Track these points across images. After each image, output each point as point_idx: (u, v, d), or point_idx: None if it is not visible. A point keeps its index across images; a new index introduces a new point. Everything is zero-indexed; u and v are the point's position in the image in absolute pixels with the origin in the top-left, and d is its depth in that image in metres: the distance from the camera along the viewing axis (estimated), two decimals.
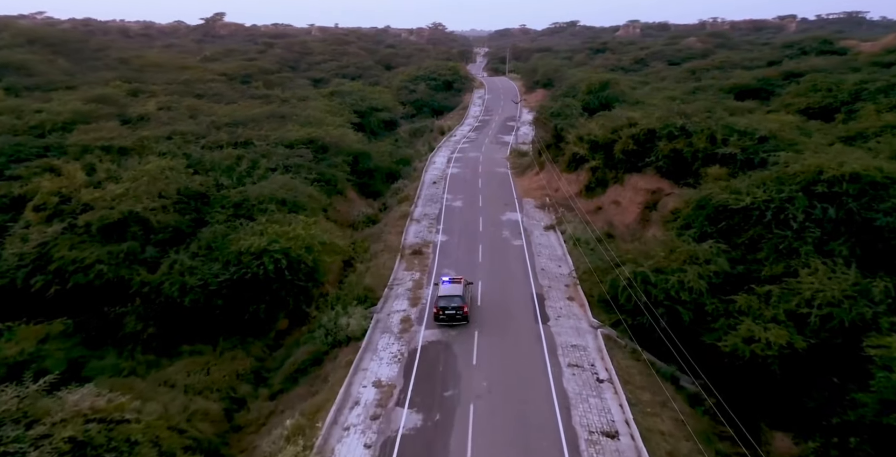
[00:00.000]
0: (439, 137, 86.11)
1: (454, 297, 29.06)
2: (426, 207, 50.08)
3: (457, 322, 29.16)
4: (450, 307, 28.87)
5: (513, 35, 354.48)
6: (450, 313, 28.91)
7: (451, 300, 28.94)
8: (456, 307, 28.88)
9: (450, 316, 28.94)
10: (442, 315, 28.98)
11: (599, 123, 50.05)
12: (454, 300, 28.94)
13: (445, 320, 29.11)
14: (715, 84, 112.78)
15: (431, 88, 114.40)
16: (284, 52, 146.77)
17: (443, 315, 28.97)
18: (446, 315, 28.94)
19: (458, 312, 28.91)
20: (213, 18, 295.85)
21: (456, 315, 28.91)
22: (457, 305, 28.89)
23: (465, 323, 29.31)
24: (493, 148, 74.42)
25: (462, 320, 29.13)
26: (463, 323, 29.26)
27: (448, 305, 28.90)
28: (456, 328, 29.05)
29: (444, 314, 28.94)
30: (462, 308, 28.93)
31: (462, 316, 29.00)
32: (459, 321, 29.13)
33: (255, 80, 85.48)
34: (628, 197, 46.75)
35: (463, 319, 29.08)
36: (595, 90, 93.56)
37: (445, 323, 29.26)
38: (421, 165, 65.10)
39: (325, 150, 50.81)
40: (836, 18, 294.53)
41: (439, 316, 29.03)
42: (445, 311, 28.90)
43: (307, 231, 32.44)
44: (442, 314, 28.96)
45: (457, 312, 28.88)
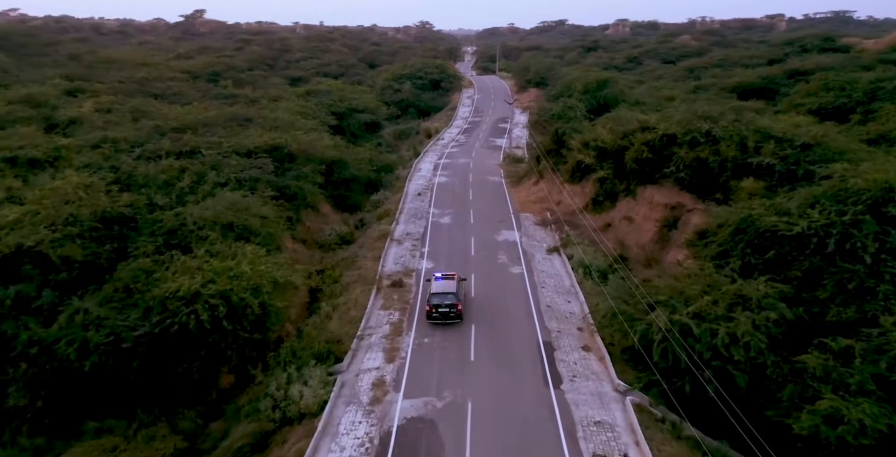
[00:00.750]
0: (425, 140, 79.43)
1: (447, 294, 28.01)
2: (409, 224, 43.39)
3: (450, 320, 28.06)
4: (443, 305, 27.88)
5: (501, 34, 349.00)
6: (443, 311, 27.89)
7: (445, 297, 27.94)
8: (449, 305, 27.87)
9: (443, 314, 27.93)
10: (435, 313, 27.98)
11: (607, 128, 43.67)
12: (448, 297, 27.93)
13: (439, 319, 28.06)
14: (716, 83, 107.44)
15: (417, 88, 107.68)
16: (262, 49, 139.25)
17: (436, 313, 27.97)
18: (439, 313, 27.94)
19: (451, 310, 27.88)
20: (192, 16, 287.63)
21: (450, 313, 27.91)
22: (450, 302, 27.88)
23: (459, 321, 28.25)
24: (485, 153, 67.88)
25: (456, 318, 28.11)
26: (457, 321, 28.19)
27: (441, 303, 27.90)
28: (443, 400, 22.38)
29: (437, 312, 27.95)
30: (456, 306, 27.91)
31: (456, 314, 27.96)
32: (453, 319, 28.08)
33: (224, 78, 78.29)
34: (642, 213, 40.40)
35: (457, 317, 28.06)
36: (593, 89, 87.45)
37: (439, 321, 28.13)
38: (405, 173, 58.37)
39: (291, 158, 43.96)
40: (824, 18, 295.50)
41: (432, 314, 28.03)
42: (438, 309, 27.91)
43: (255, 267, 25.65)
44: (435, 312, 27.97)
45: (450, 309, 27.88)
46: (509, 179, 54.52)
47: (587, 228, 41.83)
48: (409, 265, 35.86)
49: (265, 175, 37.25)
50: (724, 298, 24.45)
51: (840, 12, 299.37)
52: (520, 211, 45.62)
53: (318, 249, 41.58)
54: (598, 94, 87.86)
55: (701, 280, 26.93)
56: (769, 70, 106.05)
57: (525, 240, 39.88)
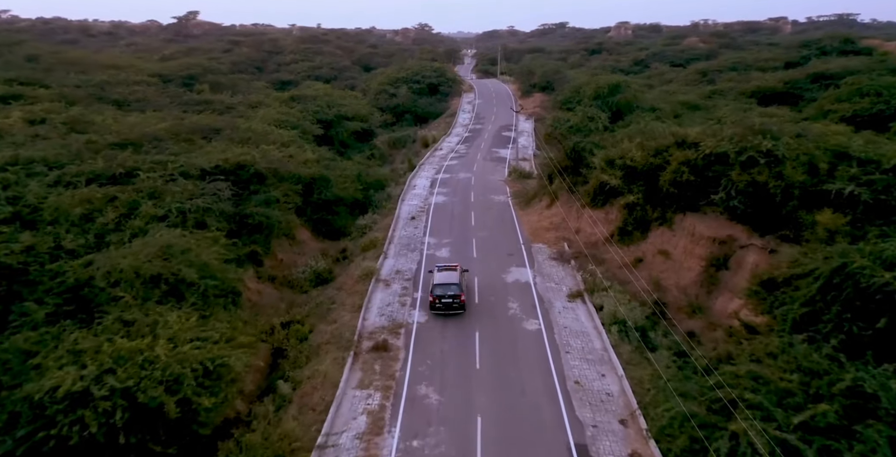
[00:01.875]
0: (422, 151, 72.31)
1: (451, 285, 28.40)
2: (400, 258, 36.18)
3: (453, 311, 28.45)
4: (446, 296, 28.20)
5: (501, 36, 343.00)
6: (447, 302, 28.23)
7: (448, 288, 28.31)
8: (453, 295, 28.21)
9: (446, 304, 28.29)
10: (438, 304, 28.31)
11: (636, 143, 36.53)
12: (451, 288, 28.30)
13: (442, 309, 28.45)
14: (734, 87, 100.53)
15: (414, 92, 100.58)
16: (252, 51, 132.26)
17: (439, 304, 28.30)
18: (443, 304, 28.27)
19: (454, 301, 28.24)
20: (185, 17, 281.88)
21: (453, 304, 28.27)
22: (453, 293, 28.23)
23: (462, 312, 28.62)
24: (488, 166, 60.72)
25: (459, 309, 28.52)
26: (460, 312, 28.56)
27: (444, 294, 28.22)
28: None
29: (441, 303, 28.27)
30: (459, 297, 28.28)
31: (459, 304, 28.37)
32: (456, 310, 28.51)
33: (201, 82, 71.14)
34: (682, 246, 33.26)
35: (460, 307, 28.49)
36: (604, 95, 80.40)
37: (441, 312, 28.49)
38: (398, 191, 51.17)
39: (260, 179, 36.76)
40: (828, 20, 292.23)
41: (435, 304, 28.39)
42: (442, 299, 28.21)
43: (178, 348, 18.45)
44: (438, 303, 28.30)
45: (454, 300, 28.23)
46: (517, 199, 47.31)
47: (614, 262, 34.70)
48: (398, 317, 28.64)
49: (219, 204, 29.97)
50: (838, 399, 17.29)
51: (844, 15, 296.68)
52: (532, 241, 38.41)
53: (289, 290, 34.40)
54: (610, 99, 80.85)
55: (788, 360, 19.80)
56: (790, 74, 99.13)
57: (540, 280, 32.66)
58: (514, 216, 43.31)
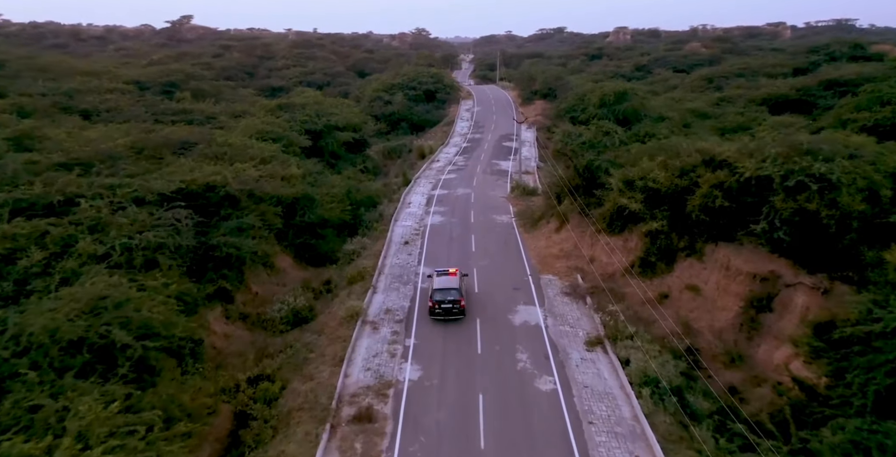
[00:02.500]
0: (418, 162, 67.99)
1: (451, 289, 28.16)
2: (391, 293, 31.72)
3: (453, 316, 28.08)
4: (446, 301, 27.87)
5: (498, 41, 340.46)
6: (446, 307, 27.90)
7: (448, 293, 28.02)
8: (452, 301, 27.89)
9: (446, 310, 27.94)
10: (438, 309, 27.96)
11: (658, 161, 32.18)
12: (451, 293, 28.02)
13: (441, 315, 28.04)
14: (743, 94, 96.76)
15: (410, 99, 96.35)
16: (243, 56, 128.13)
17: (438, 309, 27.95)
18: (442, 309, 27.93)
19: (454, 306, 27.92)
20: (179, 22, 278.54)
21: (453, 309, 27.93)
22: (453, 298, 27.93)
23: (462, 317, 28.21)
24: (489, 181, 56.37)
25: (459, 315, 28.14)
26: (460, 317, 28.16)
27: (444, 299, 27.89)
28: None
29: (441, 308, 27.93)
30: (459, 302, 27.93)
31: (459, 310, 27.99)
32: (456, 316, 28.12)
33: (183, 89, 66.71)
34: (715, 282, 28.94)
35: (460, 313, 28.11)
36: (610, 102, 76.35)
37: (441, 317, 28.06)
38: (391, 210, 46.74)
39: (233, 202, 32.28)
40: (826, 26, 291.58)
41: (435, 310, 28.02)
42: (441, 305, 27.88)
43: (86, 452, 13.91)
44: (438, 308, 27.95)
45: (454, 305, 27.90)
46: (522, 219, 42.86)
47: (635, 298, 30.30)
48: (386, 373, 24.13)
49: (176, 237, 25.39)
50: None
51: (842, 20, 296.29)
52: (540, 271, 33.95)
53: (263, 331, 29.89)
54: (616, 107, 76.74)
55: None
56: (802, 81, 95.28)
57: (552, 323, 28.18)
58: (518, 240, 38.87)
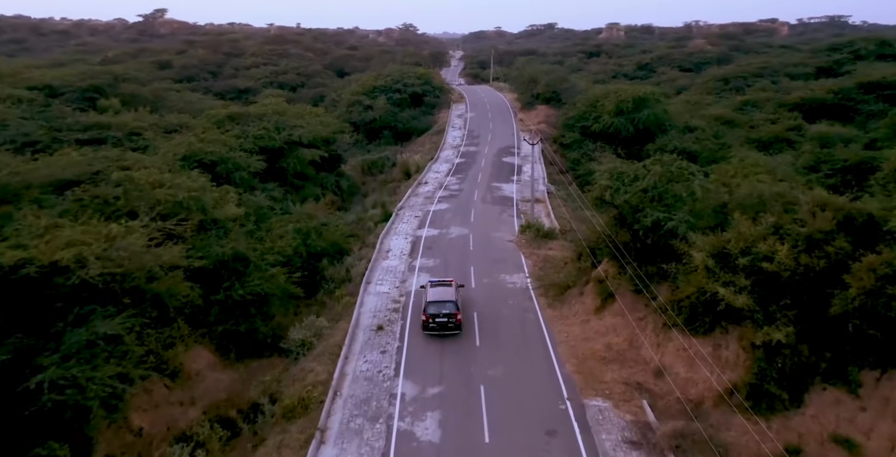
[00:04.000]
0: (401, 185, 56.14)
1: (446, 302, 26.02)
2: (349, 442, 19.74)
3: (448, 331, 25.88)
4: (441, 314, 25.79)
5: (488, 37, 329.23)
6: (441, 321, 25.80)
7: (443, 306, 25.94)
8: (448, 314, 25.77)
9: (441, 324, 25.83)
10: (432, 323, 25.91)
11: (767, 223, 20.50)
12: (446, 306, 25.93)
13: (436, 330, 25.92)
14: (770, 98, 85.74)
15: (394, 103, 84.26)
16: (208, 53, 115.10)
17: (433, 323, 25.90)
18: (437, 323, 25.85)
19: (450, 320, 25.77)
20: (152, 15, 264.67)
21: (448, 323, 25.81)
22: (449, 311, 25.81)
23: (458, 332, 25.81)
24: (490, 214, 44.59)
25: (455, 330, 25.91)
26: (456, 332, 25.79)
27: (439, 312, 25.83)
28: None
29: (435, 322, 25.86)
30: (455, 315, 25.81)
31: (455, 324, 25.86)
32: (452, 330, 25.88)
33: (111, 95, 54.16)
34: (887, 433, 17.43)
35: (456, 327, 25.91)
36: (628, 110, 64.97)
37: (436, 333, 25.93)
38: (362, 266, 34.75)
39: (94, 295, 20.19)
40: (819, 22, 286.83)
41: (429, 324, 25.96)
42: (436, 318, 25.82)
43: None
44: (432, 322, 25.90)
45: (449, 320, 25.77)
46: (542, 284, 30.96)
47: (746, 451, 18.70)
48: None
49: None
50: None
51: (835, 17, 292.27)
52: (582, 389, 22.12)
53: None
54: (635, 116, 65.36)
55: None
56: (837, 83, 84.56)
57: None
58: (542, 324, 27.01)
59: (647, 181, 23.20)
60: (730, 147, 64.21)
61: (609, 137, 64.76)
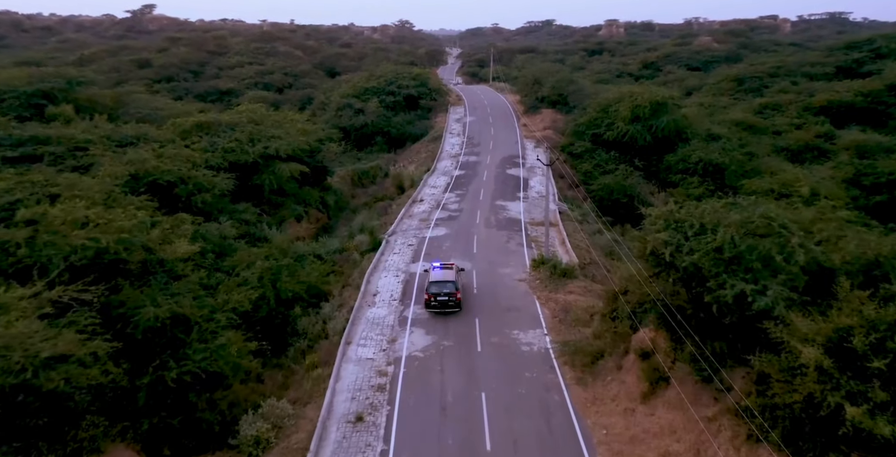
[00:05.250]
0: (393, 203, 49.77)
1: (446, 282, 28.01)
2: None
3: (449, 309, 27.94)
4: (442, 293, 27.73)
5: (485, 34, 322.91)
6: (442, 300, 27.77)
7: (444, 286, 27.87)
8: (448, 293, 27.76)
9: (442, 302, 27.82)
10: (434, 301, 27.84)
11: None
12: (447, 286, 27.88)
13: (437, 307, 27.94)
14: (793, 100, 79.51)
15: (388, 107, 77.80)
16: (191, 50, 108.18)
17: (434, 301, 27.84)
18: (438, 302, 27.81)
19: (450, 299, 27.77)
20: (140, 11, 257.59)
21: (448, 302, 27.80)
22: (449, 291, 27.80)
23: (458, 310, 27.99)
24: (495, 242, 38.25)
25: (455, 307, 28.04)
26: (456, 310, 27.96)
27: (440, 292, 27.75)
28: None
29: (436, 301, 27.80)
30: (455, 294, 27.83)
31: (455, 302, 27.91)
32: (452, 308, 27.99)
33: (63, 100, 47.52)
34: None
35: (456, 305, 28.00)
36: (645, 116, 58.61)
37: (437, 310, 27.93)
38: (342, 319, 28.35)
39: None
40: (820, 19, 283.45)
41: (431, 302, 27.93)
42: (437, 297, 27.77)
43: None
44: (434, 301, 27.84)
45: (449, 298, 27.76)
46: (564, 347, 24.65)
47: None
48: None
49: None
50: None
51: (836, 14, 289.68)
52: None
53: None
54: (653, 123, 58.97)
55: None
56: (866, 85, 78.34)
57: None
58: (571, 414, 20.72)
59: (722, 237, 16.79)
60: (757, 157, 58.17)
61: (624, 147, 58.41)
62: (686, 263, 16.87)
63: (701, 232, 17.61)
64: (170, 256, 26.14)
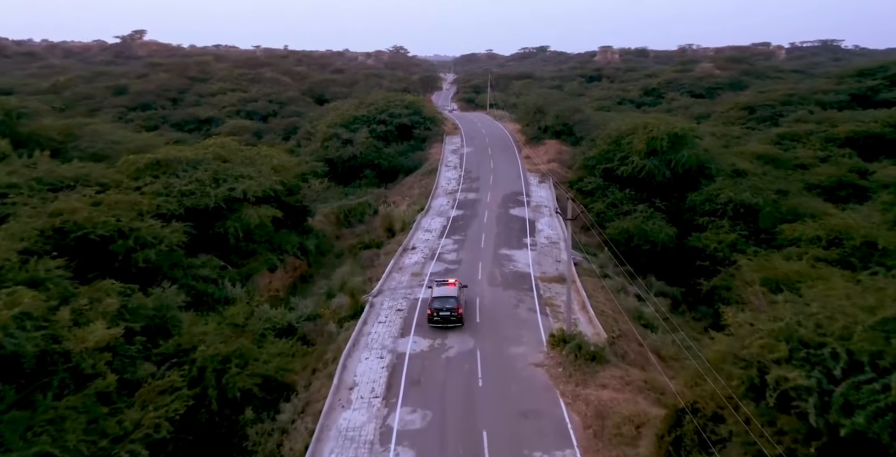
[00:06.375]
0: (381, 251, 43.19)
1: (449, 298, 28.50)
2: None
3: (451, 324, 28.30)
4: (444, 308, 28.16)
5: (479, 60, 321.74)
6: (444, 315, 28.17)
7: (446, 301, 28.33)
8: (451, 308, 28.16)
9: (444, 317, 28.19)
10: (436, 316, 28.27)
11: None
12: (449, 301, 28.32)
13: (440, 322, 28.35)
14: (813, 131, 74.08)
15: (378, 137, 71.96)
16: (172, 76, 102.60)
17: (437, 316, 28.25)
18: (440, 317, 28.22)
19: (452, 314, 28.17)
20: (130, 36, 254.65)
21: (451, 317, 28.19)
22: (451, 306, 28.20)
23: (460, 325, 28.35)
24: (502, 306, 31.52)
25: (457, 322, 28.36)
26: (458, 325, 28.30)
27: (442, 307, 28.22)
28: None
29: (439, 316, 28.24)
30: (457, 310, 28.18)
31: (457, 317, 28.23)
32: (454, 323, 28.33)
33: (1, 134, 41.14)
34: None
35: (458, 320, 28.33)
36: (663, 150, 52.69)
37: (440, 325, 28.33)
38: (314, 401, 21.61)
39: None
40: (812, 47, 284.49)
41: (433, 317, 28.33)
42: (440, 312, 28.21)
43: None
44: (436, 316, 28.27)
45: (451, 313, 28.17)
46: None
47: None
48: None
49: None
50: None
51: (827, 41, 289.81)
52: None
53: None
54: (672, 157, 53.06)
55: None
56: (890, 114, 73.27)
57: None
58: None
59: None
60: (789, 195, 52.20)
61: (640, 184, 52.26)
62: (846, 428, 10.21)
63: (854, 367, 11.03)
64: (77, 346, 19.61)
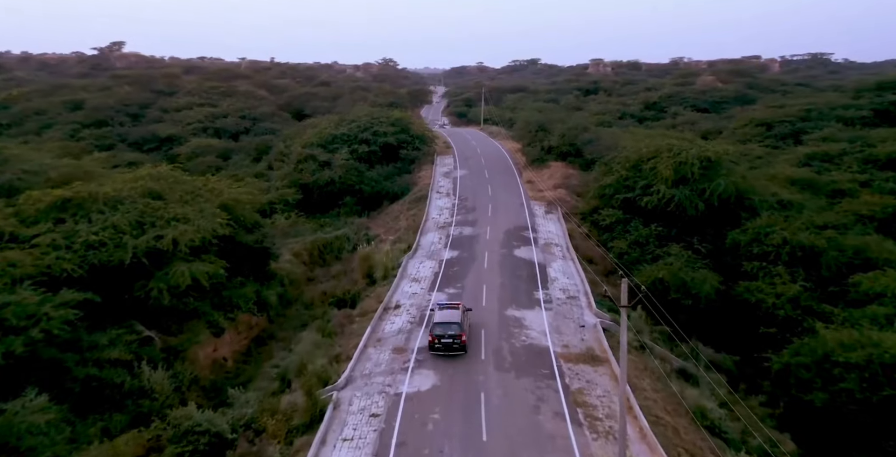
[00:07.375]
0: (355, 313, 34.30)
1: (451, 324, 26.66)
2: None
3: (454, 352, 26.53)
4: (446, 335, 26.40)
5: (470, 73, 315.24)
6: (446, 342, 26.40)
7: (448, 327, 26.57)
8: (453, 335, 26.39)
9: (446, 345, 26.44)
10: (437, 344, 26.47)
11: None
12: (451, 327, 26.56)
13: (442, 350, 26.56)
14: (847, 151, 66.45)
15: (360, 158, 63.34)
16: (136, 89, 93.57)
17: (438, 344, 26.46)
18: (442, 344, 26.42)
19: (455, 341, 26.39)
20: (108, 48, 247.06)
21: (453, 344, 26.41)
22: (454, 333, 26.43)
23: (464, 353, 26.59)
24: (517, 407, 22.69)
25: (460, 350, 26.58)
26: (461, 353, 26.53)
27: (444, 333, 26.42)
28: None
29: (441, 343, 26.43)
30: (460, 336, 26.43)
31: (460, 345, 26.46)
32: (457, 351, 26.56)
33: None
34: None
35: (461, 348, 26.55)
36: (694, 177, 44.28)
37: (441, 353, 26.57)
38: None
39: None
40: (802, 60, 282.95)
41: (434, 345, 26.54)
42: (442, 339, 26.40)
43: None
44: (437, 343, 26.46)
45: (454, 340, 26.38)
46: None
47: None
48: None
49: None
50: None
51: (818, 54, 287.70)
52: None
53: None
54: (705, 186, 44.82)
55: None
56: None
57: None
58: None
59: None
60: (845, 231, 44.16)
61: (668, 217, 43.76)
62: None
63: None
64: None
